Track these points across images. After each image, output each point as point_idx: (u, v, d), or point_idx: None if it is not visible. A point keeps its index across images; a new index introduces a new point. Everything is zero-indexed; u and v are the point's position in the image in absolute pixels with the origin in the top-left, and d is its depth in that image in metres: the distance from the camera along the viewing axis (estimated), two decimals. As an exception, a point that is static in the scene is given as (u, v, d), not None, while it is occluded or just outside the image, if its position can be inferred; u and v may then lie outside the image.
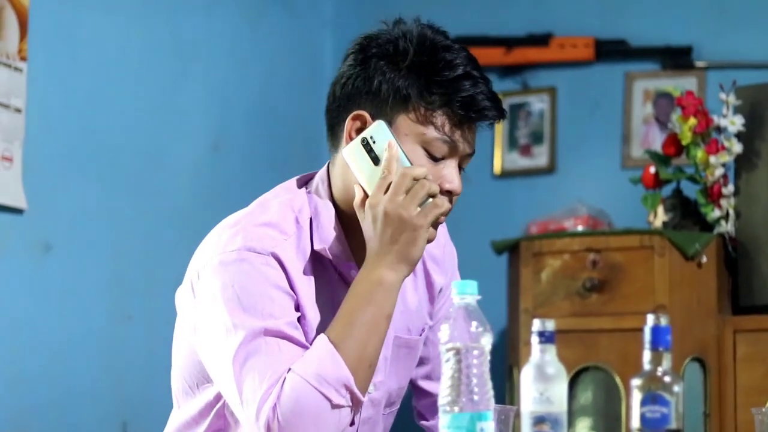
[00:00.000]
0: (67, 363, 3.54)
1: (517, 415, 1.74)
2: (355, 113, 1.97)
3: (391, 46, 1.97)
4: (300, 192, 2.05)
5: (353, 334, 1.88)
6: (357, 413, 1.91)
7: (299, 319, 1.94)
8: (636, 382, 1.63)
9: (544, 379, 1.65)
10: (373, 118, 1.96)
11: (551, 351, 1.66)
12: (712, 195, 3.56)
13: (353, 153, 1.95)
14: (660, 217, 3.65)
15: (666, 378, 1.62)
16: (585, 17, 4.45)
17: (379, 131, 1.94)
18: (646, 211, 3.70)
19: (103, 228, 3.68)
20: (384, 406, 2.11)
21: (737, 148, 3.52)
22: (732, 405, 3.45)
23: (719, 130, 3.57)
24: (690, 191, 3.66)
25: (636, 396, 1.62)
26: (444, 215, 1.95)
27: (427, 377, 2.22)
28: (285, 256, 1.94)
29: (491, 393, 1.65)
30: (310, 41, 4.52)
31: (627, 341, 3.34)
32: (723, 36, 4.23)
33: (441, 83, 1.94)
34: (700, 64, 4.25)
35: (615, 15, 4.41)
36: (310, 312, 1.97)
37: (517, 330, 3.61)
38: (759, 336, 3.47)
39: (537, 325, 1.67)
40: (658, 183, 3.68)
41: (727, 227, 3.55)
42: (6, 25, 3.37)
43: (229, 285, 1.90)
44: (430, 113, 1.94)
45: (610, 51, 4.39)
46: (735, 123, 3.52)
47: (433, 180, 1.95)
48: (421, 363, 2.20)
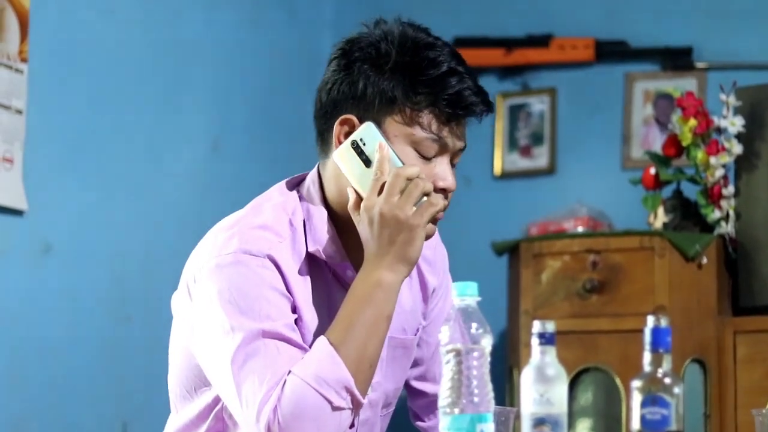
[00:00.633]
0: (67, 364, 3.54)
1: (518, 417, 1.74)
2: (343, 118, 1.97)
3: (373, 49, 1.97)
4: (292, 195, 2.04)
5: (353, 335, 1.88)
6: (357, 415, 1.91)
7: (296, 321, 1.94)
8: (636, 383, 1.63)
9: (544, 381, 1.65)
10: (361, 121, 1.96)
11: (551, 352, 1.66)
12: (712, 196, 3.56)
13: (344, 156, 1.95)
14: (660, 218, 3.65)
15: (666, 379, 1.62)
16: (585, 18, 4.45)
17: (369, 133, 1.94)
18: (646, 212, 3.70)
19: (103, 229, 3.68)
20: (381, 407, 2.11)
21: (737, 149, 3.52)
22: (732, 406, 3.45)
23: (719, 131, 3.57)
24: (690, 192, 3.66)
25: (636, 397, 1.62)
26: (440, 213, 1.95)
27: (421, 378, 2.22)
28: (281, 258, 1.94)
29: (491, 394, 1.65)
30: (310, 42, 4.52)
31: (627, 342, 3.34)
32: (723, 37, 4.23)
33: (426, 82, 1.94)
34: (700, 65, 4.25)
35: (615, 16, 4.41)
36: (306, 313, 1.97)
37: (517, 331, 3.61)
38: (759, 337, 3.47)
39: (537, 327, 1.67)
40: (658, 184, 3.68)
41: (728, 228, 3.55)
42: (7, 27, 3.37)
43: (226, 288, 1.90)
44: (417, 113, 1.95)
45: (610, 52, 4.39)
46: (735, 124, 3.52)
47: (426, 179, 1.95)
48: (415, 364, 2.20)
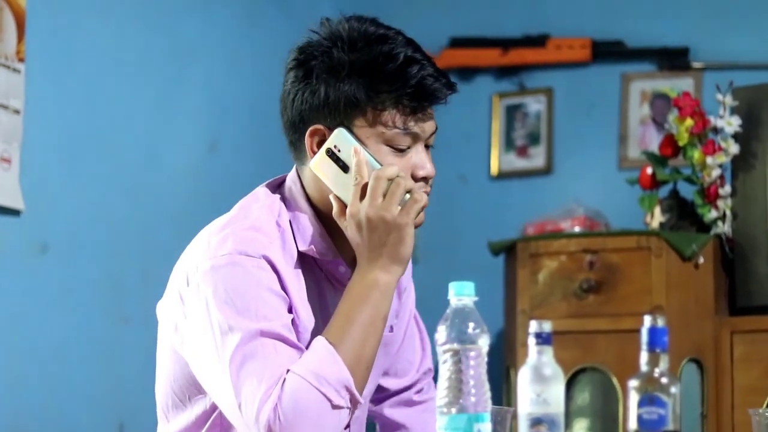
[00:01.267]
0: (64, 364, 3.54)
1: (514, 417, 1.74)
2: (312, 128, 1.97)
3: (327, 56, 1.96)
4: (275, 197, 2.05)
5: (351, 335, 1.88)
6: (354, 414, 1.91)
7: (292, 321, 1.94)
8: (633, 383, 1.63)
9: (541, 381, 1.65)
10: (330, 129, 1.96)
11: (548, 352, 1.67)
12: (709, 196, 3.56)
13: (321, 166, 1.95)
14: (657, 218, 3.65)
15: (663, 379, 1.62)
16: (582, 18, 4.45)
17: (341, 139, 1.94)
18: (642, 212, 3.70)
19: (101, 229, 3.68)
20: (367, 404, 2.13)
21: (734, 148, 3.52)
22: (729, 406, 3.45)
23: (716, 130, 3.57)
24: (687, 192, 3.66)
25: (633, 397, 1.62)
26: (424, 206, 1.96)
27: (384, 374, 2.23)
28: (275, 258, 1.94)
29: (488, 394, 1.66)
30: (307, 42, 4.52)
31: (624, 342, 3.34)
32: (720, 37, 4.24)
33: (386, 79, 1.94)
34: (696, 65, 4.25)
35: (612, 16, 4.42)
36: (302, 313, 1.97)
37: (514, 331, 3.61)
38: (756, 336, 3.47)
39: (534, 327, 1.67)
40: (654, 184, 3.68)
41: (724, 228, 3.55)
42: (4, 27, 3.37)
43: (222, 289, 1.90)
44: (382, 112, 1.95)
45: (606, 52, 4.39)
46: (732, 124, 3.52)
47: (405, 171, 1.96)
48: None
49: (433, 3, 4.66)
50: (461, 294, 1.68)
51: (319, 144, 1.97)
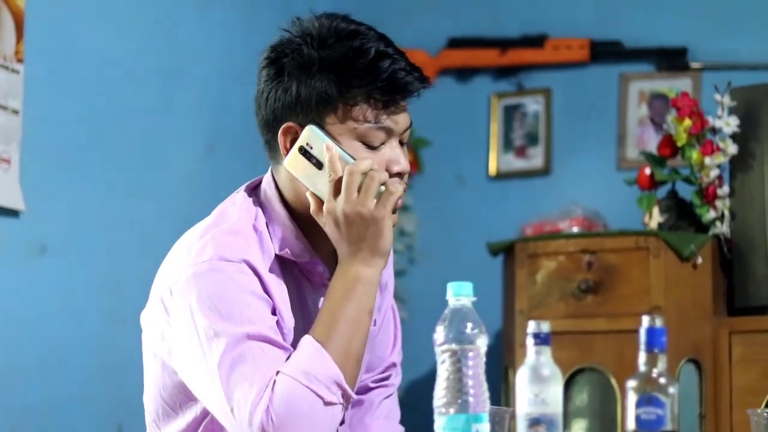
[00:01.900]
0: (63, 365, 3.54)
1: (513, 417, 1.74)
2: (285, 126, 1.98)
3: (297, 54, 1.97)
4: (251, 200, 2.05)
5: (338, 331, 1.89)
6: (347, 410, 1.91)
7: (277, 323, 1.95)
8: (631, 383, 1.63)
9: (539, 381, 1.65)
10: (302, 126, 1.96)
11: (546, 352, 1.67)
12: (707, 196, 3.56)
13: (295, 164, 1.96)
14: (655, 219, 3.65)
15: (661, 379, 1.62)
16: (580, 18, 4.46)
17: (313, 136, 1.94)
18: (641, 213, 3.70)
19: (100, 230, 3.68)
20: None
21: (732, 149, 3.52)
22: (727, 406, 3.45)
23: (714, 131, 3.57)
24: (685, 192, 3.66)
25: (631, 397, 1.63)
26: (400, 198, 1.96)
27: None
28: (256, 261, 1.95)
29: (486, 395, 1.66)
30: (305, 43, 4.52)
31: (622, 343, 3.34)
32: (718, 37, 4.24)
33: (357, 74, 1.93)
34: (695, 65, 4.26)
35: (610, 16, 4.42)
36: (285, 314, 1.98)
37: (513, 331, 3.61)
38: (754, 337, 3.47)
39: (532, 327, 1.67)
40: (653, 184, 3.68)
41: (723, 228, 3.55)
42: (2, 27, 3.37)
43: (205, 295, 1.91)
44: (353, 107, 1.94)
45: (604, 52, 4.40)
46: (730, 124, 3.52)
47: (379, 166, 1.95)
48: None
49: (432, 3, 4.66)
50: (459, 294, 1.68)
51: (293, 142, 1.97)
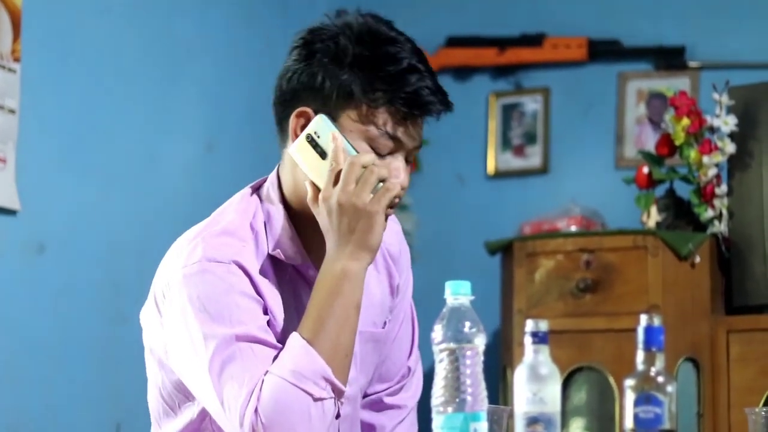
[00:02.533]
0: (61, 364, 3.54)
1: (511, 416, 1.74)
2: (299, 110, 1.97)
3: (333, 42, 1.96)
4: (253, 198, 2.05)
5: (325, 327, 1.88)
6: (341, 403, 1.91)
7: (268, 323, 1.94)
8: (629, 382, 1.63)
9: (537, 380, 1.65)
10: (316, 113, 1.95)
11: (544, 351, 1.67)
12: (705, 195, 3.56)
13: (300, 150, 1.95)
14: (653, 218, 3.66)
15: (659, 378, 1.62)
16: (578, 17, 4.46)
17: (322, 125, 1.94)
18: (639, 212, 3.71)
19: (97, 229, 3.68)
20: (359, 401, 2.13)
21: (730, 148, 3.52)
22: (725, 405, 3.45)
23: (712, 130, 3.57)
24: (683, 191, 3.66)
25: (629, 396, 1.63)
26: (397, 198, 1.95)
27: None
28: (246, 262, 1.95)
29: (485, 393, 1.66)
30: (303, 42, 4.52)
31: (620, 341, 3.34)
32: (716, 36, 4.24)
33: (384, 78, 1.93)
34: (693, 64, 4.26)
35: (608, 15, 4.42)
36: (278, 314, 1.97)
37: (511, 330, 3.61)
38: (752, 336, 3.47)
39: (530, 326, 1.67)
40: (651, 183, 3.68)
41: (720, 227, 3.55)
42: (-1, 26, 3.37)
43: (195, 297, 1.91)
44: (373, 111, 1.93)
45: (603, 51, 4.40)
46: (728, 123, 3.53)
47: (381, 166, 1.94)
48: None
49: (430, 2, 4.66)
50: (458, 293, 1.68)
51: (303, 128, 1.96)
